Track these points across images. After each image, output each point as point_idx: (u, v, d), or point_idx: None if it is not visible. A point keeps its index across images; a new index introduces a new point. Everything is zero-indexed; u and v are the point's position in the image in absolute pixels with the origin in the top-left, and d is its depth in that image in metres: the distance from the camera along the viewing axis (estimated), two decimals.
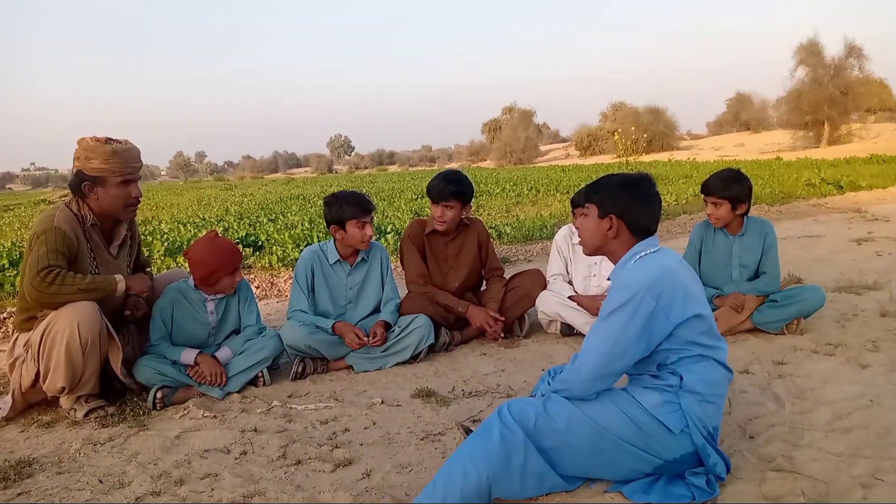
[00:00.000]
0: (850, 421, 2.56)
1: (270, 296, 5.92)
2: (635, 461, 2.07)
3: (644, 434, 2.04)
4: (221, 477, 2.37)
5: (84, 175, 2.97)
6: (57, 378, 2.83)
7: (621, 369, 2.09)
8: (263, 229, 9.72)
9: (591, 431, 2.04)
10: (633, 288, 2.04)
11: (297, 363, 3.47)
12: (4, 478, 2.41)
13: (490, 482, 1.95)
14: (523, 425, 2.02)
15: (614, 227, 2.20)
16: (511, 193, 15.31)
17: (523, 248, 7.83)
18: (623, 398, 2.11)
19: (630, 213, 2.18)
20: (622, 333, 2.03)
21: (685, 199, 12.21)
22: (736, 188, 3.67)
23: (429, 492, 1.96)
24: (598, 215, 2.24)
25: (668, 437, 2.04)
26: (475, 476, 1.94)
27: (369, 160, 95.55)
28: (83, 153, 2.96)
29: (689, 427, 2.04)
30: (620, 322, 2.03)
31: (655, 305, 2.02)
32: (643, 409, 2.06)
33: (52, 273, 2.79)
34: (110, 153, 2.95)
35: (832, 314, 4.09)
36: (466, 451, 2.00)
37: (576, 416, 2.06)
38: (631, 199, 2.18)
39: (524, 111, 62.01)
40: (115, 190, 3.02)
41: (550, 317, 4.01)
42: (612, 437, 2.04)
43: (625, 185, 2.21)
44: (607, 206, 2.21)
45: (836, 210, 10.20)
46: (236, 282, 3.36)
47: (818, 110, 35.12)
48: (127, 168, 3.02)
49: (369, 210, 3.60)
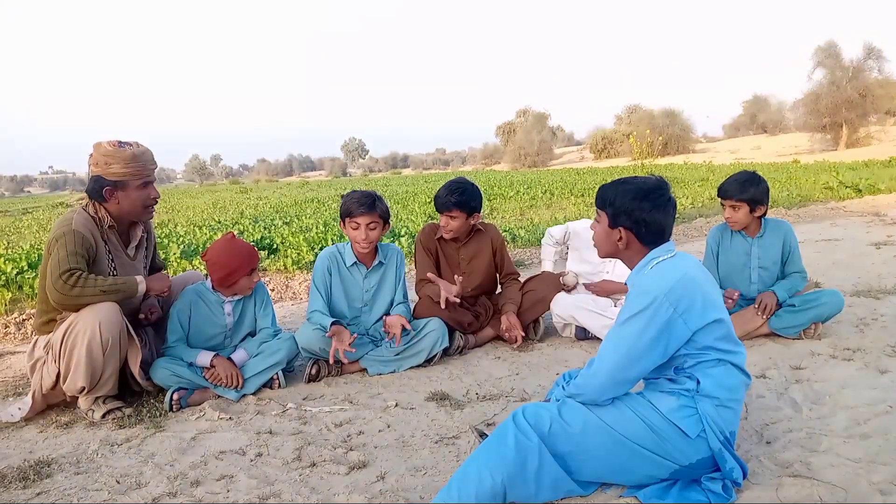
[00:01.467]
0: (869, 427, 2.53)
1: (285, 298, 5.95)
2: (651, 466, 2.06)
3: (660, 439, 2.03)
4: (237, 478, 2.39)
5: (104, 180, 3.01)
6: (77, 378, 2.86)
7: (637, 375, 2.08)
8: (278, 232, 9.78)
9: (607, 436, 2.04)
10: (651, 294, 2.03)
11: (312, 365, 3.48)
12: (24, 477, 2.44)
13: (505, 486, 1.95)
14: (538, 430, 2.02)
15: (623, 239, 2.21)
16: (525, 196, 15.29)
17: (537, 252, 7.81)
18: (639, 403, 2.10)
19: (641, 225, 2.17)
20: (638, 339, 2.03)
21: (701, 202, 12.13)
22: (753, 190, 3.64)
23: (444, 495, 1.97)
24: (608, 224, 2.24)
25: (685, 442, 2.03)
26: (490, 480, 1.94)
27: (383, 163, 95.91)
28: (102, 159, 3.00)
29: (706, 432, 2.02)
30: (637, 328, 2.03)
31: (673, 312, 2.02)
32: (659, 414, 2.05)
33: (73, 276, 2.83)
34: (130, 157, 2.99)
35: (850, 319, 4.04)
36: (481, 455, 2.00)
37: (591, 421, 2.05)
38: (644, 210, 2.16)
39: (538, 114, 62.01)
40: (135, 193, 3.07)
41: (565, 320, 4.00)
42: (628, 442, 2.03)
43: (637, 197, 2.16)
44: (618, 217, 2.20)
45: (854, 214, 10.09)
46: (254, 283, 3.39)
47: (836, 113, 34.80)
48: (146, 170, 3.09)
49: (360, 212, 3.51)
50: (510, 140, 58.86)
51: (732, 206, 3.71)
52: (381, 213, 3.57)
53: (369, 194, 3.58)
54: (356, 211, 3.52)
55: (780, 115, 49.68)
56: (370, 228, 3.56)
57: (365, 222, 3.54)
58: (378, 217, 3.56)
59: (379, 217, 3.56)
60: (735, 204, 3.69)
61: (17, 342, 4.68)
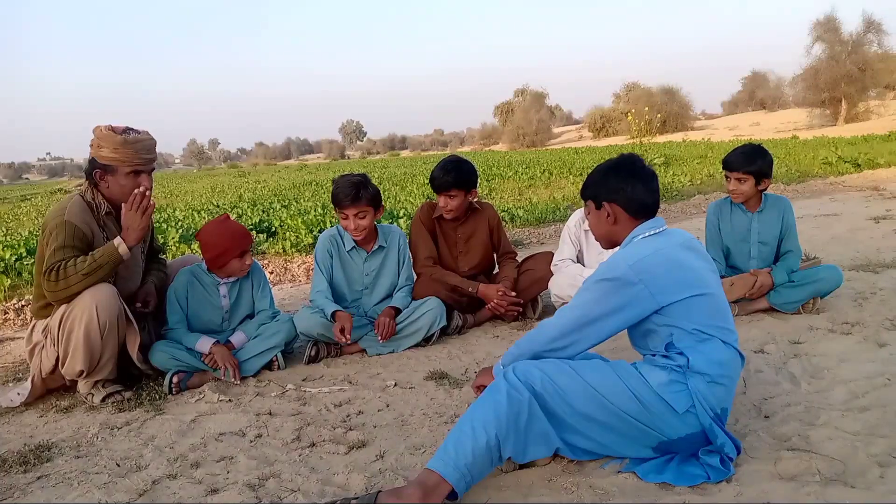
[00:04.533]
0: (867, 400, 2.53)
1: (284, 281, 5.95)
2: (637, 434, 2.07)
3: (645, 409, 2.04)
4: (237, 459, 2.39)
5: (96, 163, 2.99)
6: (76, 361, 2.86)
7: (586, 341, 2.15)
8: (277, 215, 9.75)
9: (590, 398, 2.05)
10: (619, 266, 2.09)
11: (311, 347, 3.48)
12: (24, 461, 2.44)
13: (499, 440, 1.96)
14: (528, 385, 2.03)
15: (612, 214, 2.25)
16: (524, 176, 15.24)
17: (536, 231, 7.81)
18: (628, 372, 2.11)
19: (622, 195, 2.22)
20: (596, 304, 2.11)
21: (700, 179, 12.10)
22: (760, 162, 3.62)
23: (440, 454, 1.96)
24: (595, 208, 2.31)
25: (673, 416, 2.03)
26: (484, 435, 1.94)
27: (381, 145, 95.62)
28: (96, 141, 2.98)
29: (696, 407, 2.03)
30: (598, 292, 2.12)
31: (639, 282, 2.05)
32: (648, 386, 2.05)
33: (54, 271, 2.82)
34: (121, 143, 2.95)
35: (849, 293, 4.03)
36: (475, 412, 2.01)
37: (576, 381, 2.06)
38: (619, 180, 2.23)
39: (536, 93, 61.65)
40: (123, 180, 3.01)
41: (563, 299, 3.98)
42: (611, 407, 2.04)
43: (610, 169, 2.27)
44: (600, 195, 2.28)
45: (853, 188, 10.06)
46: (246, 265, 3.37)
47: (835, 87, 34.60)
48: (137, 159, 3.00)
49: (346, 203, 3.46)
50: (508, 120, 58.58)
51: (738, 179, 3.68)
52: (369, 201, 3.51)
53: (355, 183, 3.47)
54: (343, 201, 3.47)
55: (778, 90, 49.50)
56: (359, 218, 3.51)
57: (353, 213, 3.49)
58: (366, 205, 3.50)
59: (367, 205, 3.50)
60: (741, 176, 3.67)
61: (17, 328, 4.68)
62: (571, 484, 2.07)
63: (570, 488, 2.05)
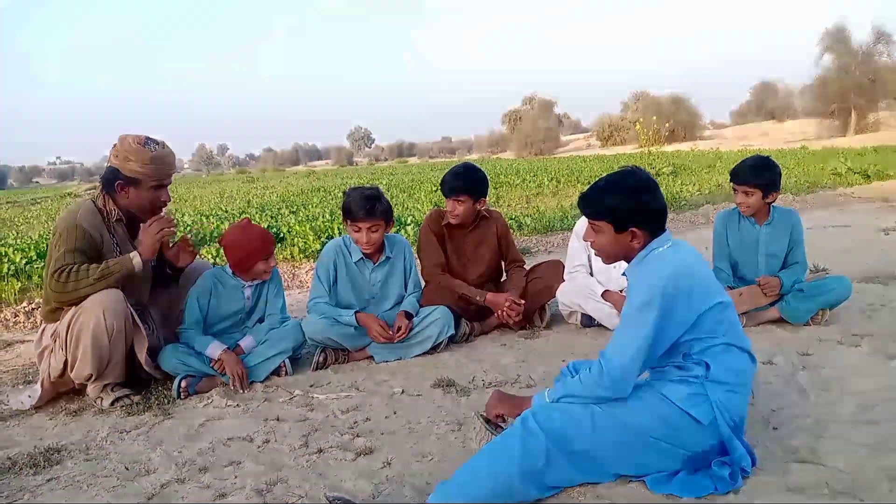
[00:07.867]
0: (877, 413, 2.52)
1: (292, 287, 5.97)
2: (664, 457, 2.05)
3: (673, 429, 2.02)
4: (244, 465, 2.41)
5: (119, 174, 3.02)
6: (84, 365, 2.88)
7: (646, 365, 2.09)
8: (285, 221, 9.79)
9: (619, 431, 2.02)
10: (656, 284, 2.03)
11: (319, 353, 3.49)
12: (34, 464, 2.46)
13: (512, 483, 1.94)
14: (545, 428, 1.99)
15: (638, 237, 2.17)
16: (531, 184, 15.23)
17: (543, 240, 7.80)
18: (649, 394, 2.09)
19: (647, 218, 2.15)
20: (651, 329, 2.01)
21: (708, 188, 12.07)
22: (768, 175, 3.61)
23: (451, 490, 1.94)
24: (614, 231, 2.18)
25: (697, 430, 2.03)
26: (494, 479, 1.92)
27: (389, 152, 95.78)
28: (123, 153, 3.00)
29: (717, 418, 2.02)
30: (648, 319, 2.01)
31: (678, 296, 2.02)
32: (671, 403, 2.04)
33: (64, 272, 2.84)
34: (149, 159, 2.99)
35: (859, 304, 4.02)
36: (489, 452, 2.00)
37: (601, 417, 2.03)
38: (643, 203, 2.14)
39: (545, 101, 61.64)
40: (146, 193, 3.07)
41: (571, 307, 3.99)
42: (640, 435, 2.02)
43: (635, 193, 2.14)
44: (624, 219, 2.15)
45: (863, 200, 10.02)
46: (270, 267, 3.43)
47: (845, 98, 34.49)
48: (163, 174, 3.08)
49: (361, 216, 3.46)
50: (516, 128, 58.59)
51: (746, 192, 3.66)
52: (383, 215, 3.52)
53: (370, 196, 3.48)
54: (357, 214, 3.47)
55: (787, 101, 49.28)
56: (372, 231, 3.52)
57: (366, 226, 3.49)
58: (380, 219, 3.51)
59: (381, 219, 3.52)
60: (749, 189, 3.64)
61: (27, 331, 4.72)
62: (578, 493, 2.07)
63: (577, 498, 2.05)
